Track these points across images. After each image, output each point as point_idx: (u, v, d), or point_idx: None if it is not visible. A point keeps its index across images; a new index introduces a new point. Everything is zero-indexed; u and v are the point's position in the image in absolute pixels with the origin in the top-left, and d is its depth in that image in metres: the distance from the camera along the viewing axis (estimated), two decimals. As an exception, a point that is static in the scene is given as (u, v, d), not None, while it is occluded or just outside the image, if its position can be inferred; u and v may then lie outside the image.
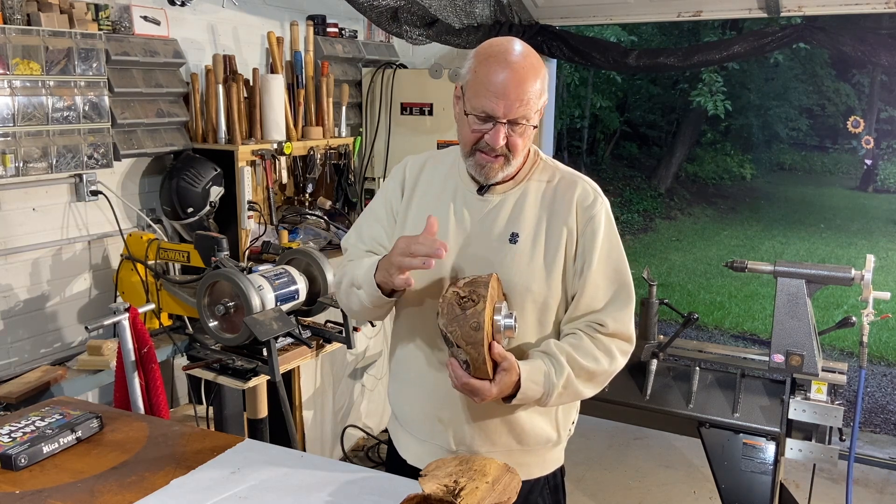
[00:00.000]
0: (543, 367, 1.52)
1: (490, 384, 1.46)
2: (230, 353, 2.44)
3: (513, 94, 1.49)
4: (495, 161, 1.56)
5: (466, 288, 1.46)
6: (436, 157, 1.77)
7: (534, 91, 1.51)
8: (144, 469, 1.53)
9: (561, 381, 1.52)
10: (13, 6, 2.41)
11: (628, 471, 3.81)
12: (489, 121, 1.52)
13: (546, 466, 1.72)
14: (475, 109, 1.52)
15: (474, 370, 1.45)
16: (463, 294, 1.45)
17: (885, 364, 6.63)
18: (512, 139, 1.53)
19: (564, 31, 4.01)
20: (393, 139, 4.05)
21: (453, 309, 1.43)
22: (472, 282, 1.48)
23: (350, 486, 1.48)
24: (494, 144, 1.52)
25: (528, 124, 1.53)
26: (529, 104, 1.51)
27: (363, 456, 3.68)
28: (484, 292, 1.44)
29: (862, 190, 15.57)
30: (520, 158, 1.59)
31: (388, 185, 1.78)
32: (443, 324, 1.44)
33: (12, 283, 2.64)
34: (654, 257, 10.63)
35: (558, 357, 1.54)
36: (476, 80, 1.52)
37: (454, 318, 1.42)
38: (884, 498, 3.59)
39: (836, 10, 3.38)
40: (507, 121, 1.51)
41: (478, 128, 1.54)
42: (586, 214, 1.61)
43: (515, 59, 1.51)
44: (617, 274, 1.62)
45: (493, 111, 1.50)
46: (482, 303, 1.42)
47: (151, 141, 2.93)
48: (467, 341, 1.42)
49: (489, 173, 1.57)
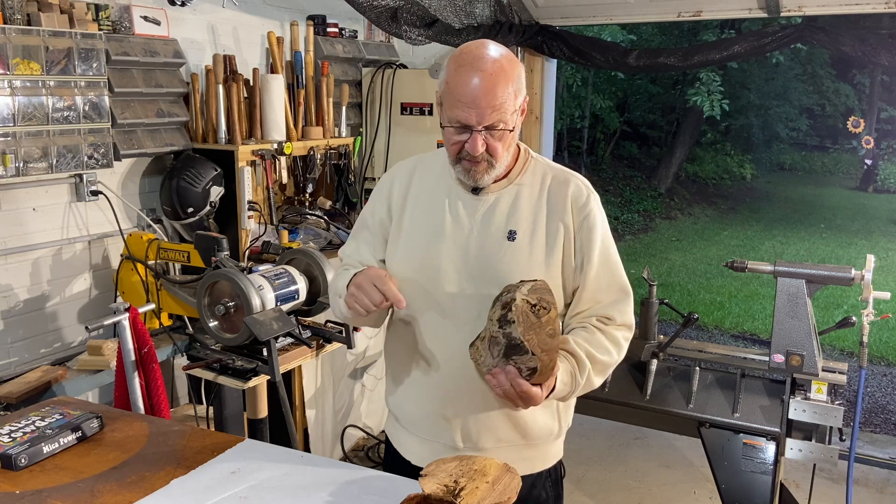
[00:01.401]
0: (570, 367, 1.56)
1: (542, 390, 1.47)
2: (230, 353, 2.44)
3: (483, 102, 1.50)
4: (479, 165, 1.57)
5: (534, 295, 1.45)
6: (425, 161, 1.77)
7: (506, 95, 1.51)
8: (145, 469, 1.53)
9: (584, 379, 1.57)
10: (13, 6, 2.41)
11: (628, 471, 3.81)
12: (465, 130, 1.53)
13: (548, 460, 1.75)
14: (451, 121, 1.54)
15: (539, 376, 1.44)
16: (533, 302, 1.44)
17: (885, 364, 6.63)
18: (491, 144, 1.55)
19: (564, 31, 4.01)
20: (393, 139, 4.05)
21: (528, 318, 1.41)
22: (534, 288, 1.46)
23: (350, 486, 1.48)
24: (473, 153, 1.54)
25: (505, 129, 1.54)
26: (503, 108, 1.51)
27: (363, 456, 3.68)
28: (552, 299, 1.46)
29: (862, 190, 15.57)
30: (504, 160, 1.60)
31: (375, 200, 1.78)
32: (519, 332, 1.40)
33: (12, 283, 2.64)
34: (654, 257, 10.62)
35: (580, 356, 1.57)
36: (449, 90, 1.54)
37: (531, 327, 1.41)
38: (884, 498, 3.59)
39: (836, 10, 3.38)
40: (483, 127, 1.52)
41: (457, 138, 1.55)
42: (582, 212, 1.64)
43: (485, 66, 1.51)
44: (615, 268, 1.67)
45: (466, 120, 1.52)
46: (553, 310, 1.44)
47: (151, 141, 2.93)
48: (542, 348, 1.41)
49: (476, 177, 1.59)
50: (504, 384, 1.44)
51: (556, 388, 1.52)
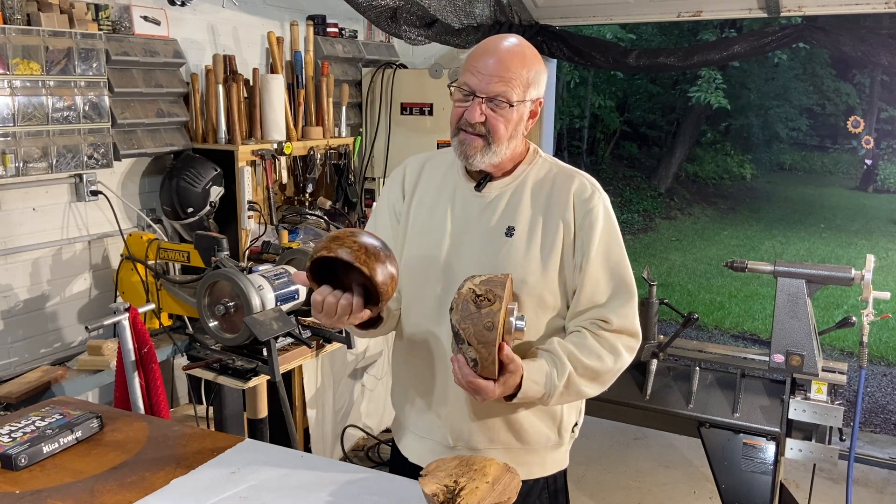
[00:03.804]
0: (545, 368, 1.51)
1: (494, 384, 1.45)
2: (230, 353, 2.44)
3: (493, 70, 1.51)
4: (474, 141, 1.55)
5: (483, 286, 1.44)
6: (435, 157, 1.77)
7: (518, 74, 1.52)
8: (144, 469, 1.53)
9: (563, 382, 1.51)
10: (13, 6, 2.41)
11: (628, 471, 3.81)
12: (469, 95, 1.54)
13: (546, 468, 1.70)
14: (459, 84, 1.56)
15: (481, 369, 1.43)
16: (479, 292, 1.43)
17: (885, 364, 6.63)
18: (492, 120, 1.53)
19: (564, 31, 4.01)
20: (393, 139, 4.05)
21: (468, 306, 1.41)
22: (488, 280, 1.46)
23: (350, 486, 1.48)
24: (471, 119, 1.53)
25: (507, 103, 1.52)
26: (511, 83, 1.52)
27: (363, 456, 3.68)
28: (500, 292, 1.42)
29: (862, 190, 15.58)
30: (503, 146, 1.57)
31: (389, 186, 1.78)
32: (456, 320, 1.42)
33: (12, 283, 2.64)
34: (654, 257, 10.62)
35: (561, 356, 1.52)
36: (466, 61, 1.56)
37: (468, 315, 1.41)
38: (884, 498, 3.59)
39: (836, 10, 3.38)
40: (486, 98, 1.52)
41: (460, 104, 1.56)
42: (584, 208, 1.60)
43: (506, 44, 1.55)
44: (618, 268, 1.61)
45: (471, 85, 1.53)
46: (498, 303, 1.41)
47: (151, 141, 2.93)
48: (479, 340, 1.40)
49: (468, 151, 1.56)
50: (456, 371, 1.45)
51: (526, 387, 1.47)
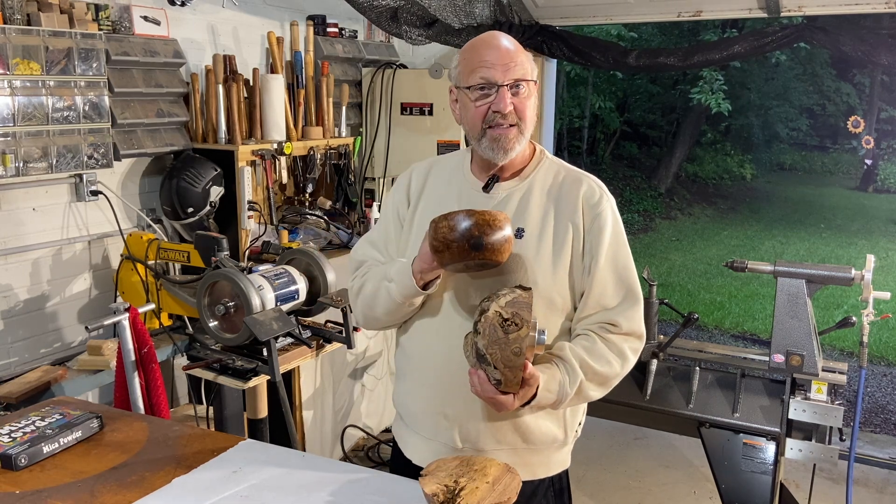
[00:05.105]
0: (558, 376, 1.53)
1: (514, 398, 1.46)
2: (230, 353, 2.44)
3: (504, 58, 1.54)
4: (509, 131, 1.56)
5: (509, 309, 1.42)
6: (440, 162, 1.78)
7: (523, 57, 1.57)
8: (145, 469, 1.53)
9: (574, 389, 1.53)
10: (13, 6, 2.41)
11: (628, 471, 3.81)
12: (491, 88, 1.54)
13: (551, 468, 1.70)
14: (474, 86, 1.55)
15: (504, 387, 1.44)
16: (506, 316, 1.41)
17: (885, 364, 6.63)
18: (518, 105, 1.56)
19: (564, 31, 4.01)
20: (393, 139, 4.05)
21: (496, 331, 1.40)
22: (514, 302, 1.43)
23: (350, 486, 1.48)
24: (503, 109, 1.54)
25: (531, 81, 1.57)
26: (524, 65, 1.56)
27: (363, 456, 3.68)
28: (528, 316, 1.41)
29: (862, 190, 15.57)
30: (530, 129, 1.60)
31: (395, 192, 1.78)
32: (483, 344, 1.41)
33: (12, 283, 2.64)
34: (654, 257, 10.62)
35: (573, 364, 1.54)
36: (466, 64, 1.58)
37: (496, 341, 1.40)
38: (884, 498, 3.59)
39: (836, 10, 3.38)
40: (509, 85, 1.54)
41: (482, 101, 1.55)
42: (593, 212, 1.61)
43: (498, 37, 1.59)
44: (625, 272, 1.62)
45: (492, 76, 1.54)
46: (525, 328, 1.40)
47: (151, 141, 2.93)
48: (506, 364, 1.40)
49: (506, 145, 1.57)
50: (476, 385, 1.46)
51: (539, 396, 1.49)
